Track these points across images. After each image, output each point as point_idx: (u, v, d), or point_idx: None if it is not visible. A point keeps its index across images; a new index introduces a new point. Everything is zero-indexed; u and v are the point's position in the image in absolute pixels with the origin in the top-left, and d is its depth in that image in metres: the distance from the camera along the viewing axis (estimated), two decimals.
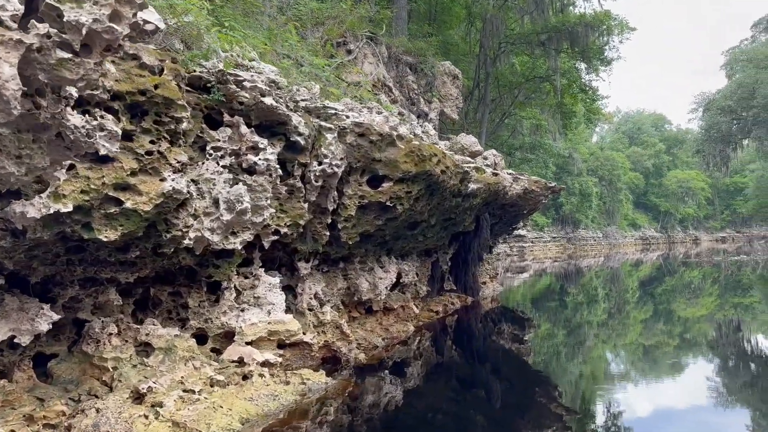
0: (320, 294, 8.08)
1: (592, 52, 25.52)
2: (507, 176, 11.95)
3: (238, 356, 6.32)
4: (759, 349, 10.26)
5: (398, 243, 10.01)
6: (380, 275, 9.65)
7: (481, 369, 8.79)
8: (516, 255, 46.09)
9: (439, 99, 14.79)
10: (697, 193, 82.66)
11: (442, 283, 14.23)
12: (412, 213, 8.71)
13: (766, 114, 38.73)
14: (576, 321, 13.70)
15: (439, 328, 11.35)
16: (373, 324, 9.60)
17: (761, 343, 10.80)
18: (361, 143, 7.44)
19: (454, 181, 9.22)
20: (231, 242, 6.14)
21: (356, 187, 7.65)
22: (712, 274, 24.94)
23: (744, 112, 41.49)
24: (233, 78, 6.10)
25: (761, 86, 38.96)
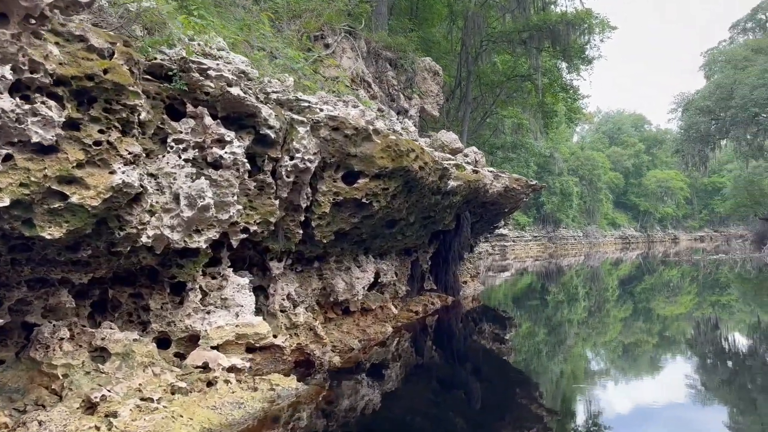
0: (293, 295, 7.70)
1: (573, 51, 25.29)
2: (488, 174, 11.65)
3: (203, 361, 5.93)
4: (735, 346, 10.18)
5: (376, 242, 9.66)
6: (357, 275, 9.30)
7: (461, 369, 8.53)
8: (497, 254, 45.97)
9: (419, 95, 14.45)
10: (676, 193, 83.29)
11: (422, 282, 13.91)
12: (389, 210, 8.36)
13: (744, 114, 38.87)
14: (557, 320, 13.53)
15: (418, 329, 11.03)
16: (349, 325, 9.24)
17: (738, 340, 10.74)
18: (335, 137, 7.07)
19: (433, 178, 8.88)
20: (195, 241, 5.74)
21: (330, 184, 7.29)
22: (691, 273, 24.92)
23: (722, 112, 41.63)
24: (196, 66, 5.71)
25: (739, 87, 39.08)
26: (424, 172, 8.32)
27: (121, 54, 4.50)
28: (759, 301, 15.58)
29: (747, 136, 42.81)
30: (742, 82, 39.44)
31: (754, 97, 38.12)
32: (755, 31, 49.59)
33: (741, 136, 42.35)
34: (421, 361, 8.65)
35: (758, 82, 38.27)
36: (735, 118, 39.67)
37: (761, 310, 14.05)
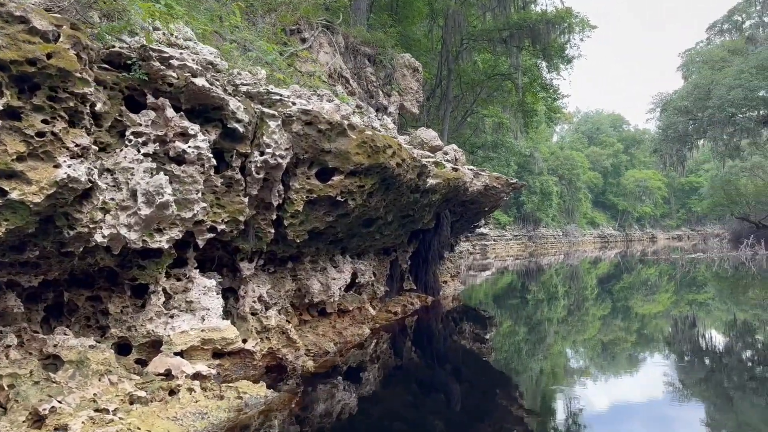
0: (265, 297, 7.34)
1: (553, 50, 25.18)
2: (468, 172, 11.36)
3: (165, 368, 5.55)
4: (712, 344, 10.11)
5: (353, 241, 9.33)
6: (333, 275, 8.95)
7: (441, 371, 8.26)
8: (479, 253, 45.94)
9: (398, 92, 14.13)
10: (654, 192, 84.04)
11: (402, 282, 13.60)
12: (366, 209, 8.03)
13: (721, 114, 39.05)
14: (537, 318, 13.33)
15: (397, 330, 10.72)
16: (325, 327, 8.90)
17: (714, 338, 10.66)
18: (308, 132, 6.73)
19: (412, 176, 8.57)
20: (156, 241, 5.37)
21: (304, 181, 6.94)
22: (669, 272, 24.90)
23: (700, 112, 41.84)
24: (157, 55, 5.33)
25: (716, 87, 39.27)
26: (402, 169, 7.99)
27: (67, 37, 4.11)
28: (735, 300, 15.53)
29: (724, 136, 43.08)
30: (719, 83, 39.67)
31: (731, 98, 38.34)
32: (731, 32, 49.95)
33: (718, 136, 42.61)
34: (400, 363, 8.35)
35: (735, 83, 38.50)
36: (712, 118, 39.88)
37: (737, 309, 13.99)
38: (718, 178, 57.84)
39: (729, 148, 45.72)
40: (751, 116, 40.54)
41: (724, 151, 46.92)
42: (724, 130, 41.98)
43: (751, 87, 38.15)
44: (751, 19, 48.58)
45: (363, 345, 9.02)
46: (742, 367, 8.36)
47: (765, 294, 16.27)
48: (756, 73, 38.39)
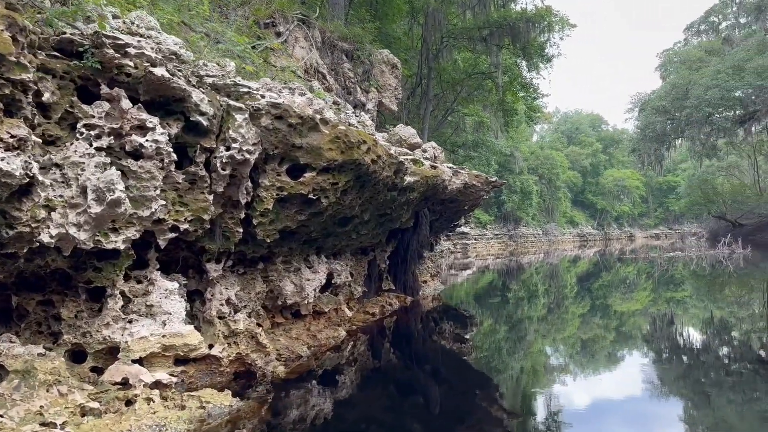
0: (234, 299, 6.96)
1: (533, 49, 25.01)
2: (447, 170, 11.07)
3: (122, 377, 5.17)
4: (690, 341, 10.10)
5: (328, 241, 8.98)
6: (308, 276, 8.60)
7: (420, 372, 8.01)
8: (459, 252, 45.81)
9: (377, 89, 13.79)
10: (632, 192, 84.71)
11: (380, 282, 13.28)
12: (340, 207, 7.69)
13: (698, 114, 39.32)
14: (518, 317, 13.17)
15: (375, 331, 10.41)
16: (299, 330, 8.54)
17: (692, 335, 10.68)
18: (278, 127, 6.37)
19: (388, 173, 8.24)
20: (112, 241, 4.98)
21: (274, 178, 6.58)
22: (648, 270, 24.88)
23: (677, 112, 42.09)
24: (111, 42, 4.94)
25: (694, 87, 39.53)
26: (378, 165, 7.66)
27: (1, 18, 3.73)
28: (712, 297, 15.51)
29: (701, 135, 43.41)
30: (696, 83, 39.94)
31: (708, 98, 38.62)
32: (708, 33, 50.46)
33: (695, 136, 42.92)
34: (378, 365, 8.07)
35: (712, 83, 38.77)
36: (690, 117, 40.15)
37: (714, 306, 13.95)
38: (695, 178, 58.41)
39: (706, 147, 46.11)
40: (727, 116, 40.87)
41: (701, 151, 47.34)
42: (702, 129, 42.30)
43: (727, 87, 38.46)
44: (728, 20, 49.08)
45: (339, 347, 8.70)
46: (719, 363, 8.33)
47: (740, 292, 16.33)
48: (732, 73, 38.71)
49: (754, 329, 10.66)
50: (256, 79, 7.64)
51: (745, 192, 52.55)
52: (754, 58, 38.50)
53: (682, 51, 49.99)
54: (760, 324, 11.13)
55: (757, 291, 16.58)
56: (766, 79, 36.95)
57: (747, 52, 39.42)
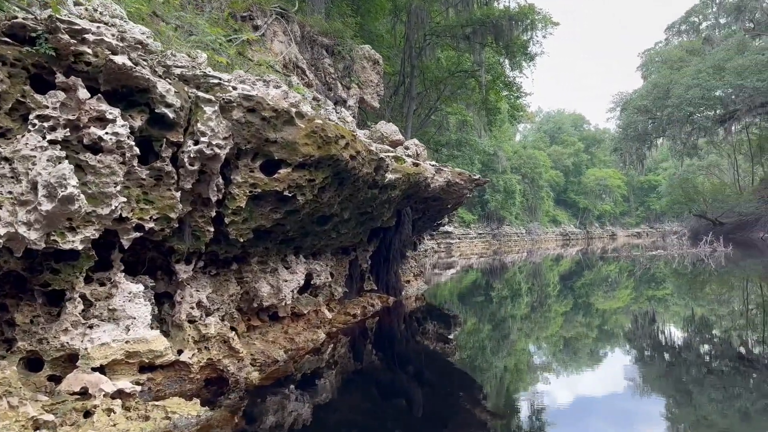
0: (205, 302, 6.61)
1: (516, 47, 24.83)
2: (429, 167, 10.78)
3: (81, 386, 4.81)
4: (672, 339, 10.11)
5: (307, 240, 8.65)
6: (285, 277, 8.26)
7: (403, 374, 7.76)
8: (443, 251, 45.65)
9: (358, 85, 13.45)
10: (614, 191, 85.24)
11: (362, 283, 12.97)
12: (318, 205, 7.36)
13: (679, 113, 39.46)
14: (501, 316, 13.00)
15: (357, 333, 10.10)
16: (276, 333, 8.20)
17: (674, 333, 10.69)
18: (251, 120, 6.03)
19: (368, 170, 7.93)
20: (68, 241, 4.62)
21: (247, 174, 6.23)
22: (630, 269, 24.82)
23: (659, 111, 42.23)
24: (67, 27, 4.58)
25: (675, 86, 39.67)
26: (357, 162, 7.34)
27: None
28: (693, 295, 15.48)
29: (682, 135, 43.59)
30: (677, 82, 40.09)
31: (689, 97, 38.77)
32: (689, 33, 50.73)
33: (677, 135, 43.09)
34: (359, 368, 7.81)
35: (692, 82, 38.94)
36: (671, 117, 40.29)
37: (695, 304, 13.89)
38: (676, 177, 58.79)
39: (687, 146, 46.36)
40: (708, 115, 41.08)
41: (682, 150, 47.58)
42: (683, 129, 42.48)
43: (708, 86, 38.64)
44: (708, 20, 49.37)
45: (319, 350, 8.39)
46: (701, 361, 8.29)
47: (721, 290, 16.28)
48: (713, 73, 38.89)
49: (734, 326, 10.59)
50: (230, 72, 7.29)
51: (726, 191, 52.99)
52: (734, 57, 38.74)
53: (663, 51, 50.21)
54: (740, 321, 11.07)
55: (738, 289, 16.56)
56: (746, 79, 37.17)
57: (727, 52, 39.65)
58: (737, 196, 50.48)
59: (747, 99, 38.26)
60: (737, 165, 56.66)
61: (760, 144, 51.82)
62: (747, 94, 37.95)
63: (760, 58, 37.41)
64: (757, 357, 8.37)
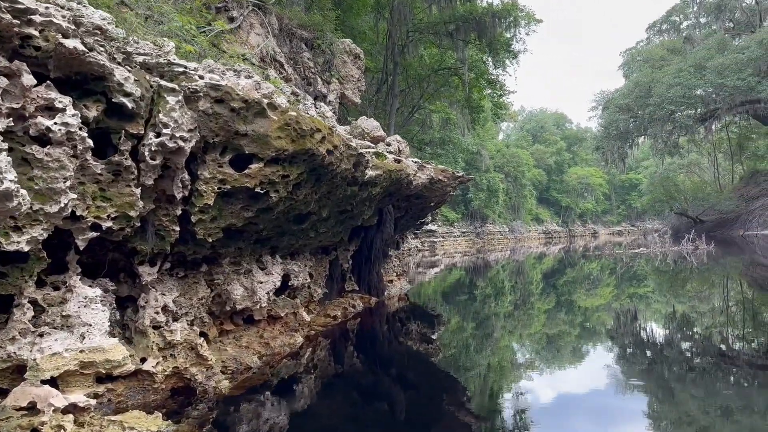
0: (172, 306, 6.16)
1: (499, 44, 24.52)
2: (411, 164, 10.40)
3: (29, 401, 4.36)
4: (654, 336, 10.07)
5: (284, 239, 8.24)
6: (260, 278, 7.84)
7: (385, 377, 7.43)
8: (427, 250, 45.48)
9: (339, 80, 13.03)
10: (596, 189, 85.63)
11: (343, 283, 12.57)
12: (293, 203, 6.95)
13: (660, 112, 39.50)
14: (484, 315, 12.71)
15: (337, 335, 9.73)
16: (250, 338, 7.77)
17: (657, 330, 10.62)
18: (219, 111, 5.61)
19: (347, 165, 7.53)
20: (13, 241, 4.17)
21: (215, 169, 5.81)
22: (613, 267, 24.68)
23: (640, 110, 42.26)
24: (9, 6, 4.12)
25: (656, 85, 39.72)
26: (334, 157, 6.94)
27: None
28: (675, 293, 15.38)
29: (663, 133, 43.67)
30: (659, 81, 40.15)
31: (671, 95, 38.84)
32: (670, 32, 50.89)
33: (658, 133, 43.14)
34: (339, 372, 7.46)
35: (674, 81, 39.01)
36: (653, 115, 40.33)
37: (676, 301, 13.74)
38: (657, 175, 59.00)
39: (668, 145, 46.46)
40: (689, 114, 41.18)
41: (663, 149, 47.71)
42: (664, 127, 42.54)
43: (689, 85, 38.72)
44: (689, 19, 49.55)
45: (296, 355, 8.00)
46: (683, 358, 8.23)
47: (705, 287, 16.16)
48: (694, 71, 38.98)
49: (717, 323, 10.46)
50: (201, 62, 6.85)
51: (706, 189, 53.29)
52: (715, 57, 38.87)
53: (644, 50, 50.32)
54: (722, 319, 10.92)
55: (720, 286, 16.44)
56: (727, 78, 37.29)
57: (708, 51, 39.78)
58: (717, 194, 50.78)
59: (727, 98, 38.40)
60: (717, 163, 57.00)
61: (739, 142, 52.18)
62: (727, 93, 38.08)
63: (739, 57, 37.57)
64: (738, 353, 8.30)
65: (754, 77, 37.06)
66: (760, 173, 48.22)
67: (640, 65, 46.34)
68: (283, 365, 7.39)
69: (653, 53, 45.70)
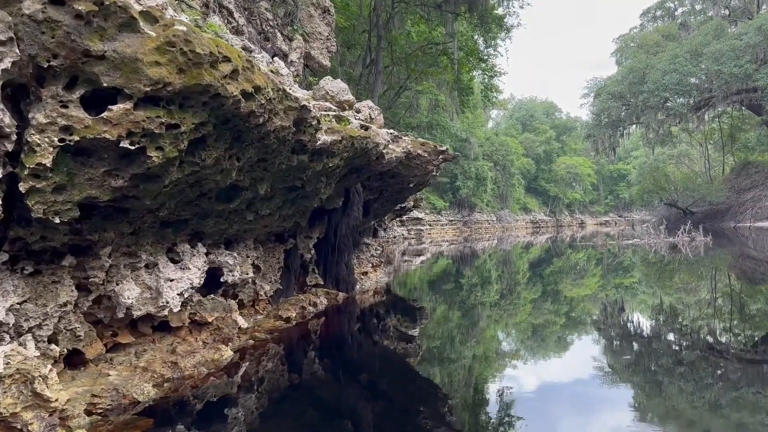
0: (8, 319, 4.03)
1: (490, 18, 22.26)
2: (382, 132, 8.24)
3: None
4: (658, 331, 8.61)
5: (208, 223, 6.10)
6: (170, 274, 5.70)
7: (352, 388, 5.62)
8: (413, 238, 43.70)
9: (303, 36, 10.79)
10: (584, 179, 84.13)
11: (305, 276, 10.45)
12: (199, 170, 4.78)
13: (655, 99, 37.50)
14: (470, 306, 11.11)
15: (289, 342, 7.63)
16: (155, 354, 5.63)
17: (657, 323, 9.26)
18: (57, 18, 3.45)
19: (284, 122, 5.37)
20: None
21: (55, 110, 3.65)
22: (610, 260, 22.68)
23: (633, 98, 40.27)
24: None
25: (651, 71, 37.68)
26: (258, 104, 4.75)
27: None
28: (672, 286, 13.37)
29: (656, 121, 41.71)
30: (653, 67, 38.18)
31: (665, 82, 36.85)
32: (665, 18, 48.83)
33: (652, 121, 41.14)
34: (299, 381, 5.74)
35: (669, 67, 37.04)
36: (646, 102, 38.36)
37: (681, 295, 11.79)
38: (647, 165, 57.34)
39: (660, 134, 44.58)
40: (683, 102, 39.31)
41: (655, 138, 45.83)
42: (657, 115, 40.61)
43: (685, 72, 36.79)
44: (684, 6, 47.51)
45: (223, 374, 5.88)
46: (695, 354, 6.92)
47: (691, 280, 14.22)
48: (690, 57, 37.01)
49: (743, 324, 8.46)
50: None
51: (697, 180, 51.53)
52: (712, 42, 36.90)
53: (639, 35, 48.15)
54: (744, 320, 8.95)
55: (732, 283, 14.46)
56: (724, 65, 35.35)
57: (705, 37, 37.79)
58: (708, 186, 49.02)
59: (723, 85, 36.45)
60: (708, 154, 55.22)
61: (731, 133, 50.39)
62: (723, 80, 36.13)
63: (737, 44, 35.61)
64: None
65: (751, 64, 35.12)
66: (752, 164, 46.47)
67: (635, 51, 44.14)
68: (194, 393, 5.27)
69: (648, 39, 43.51)
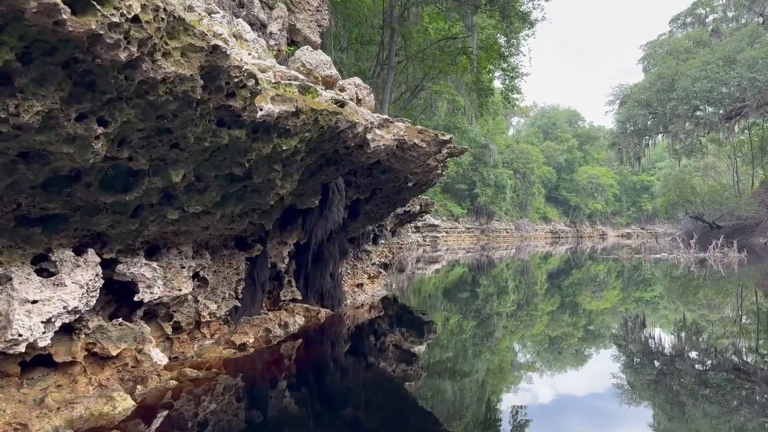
0: None
1: (512, 11, 20.17)
2: (365, 112, 6.32)
3: None
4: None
5: (101, 221, 4.24)
6: (29, 294, 3.84)
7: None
8: (429, 245, 41.94)
9: (287, 4, 8.93)
10: (606, 189, 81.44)
11: (280, 290, 8.56)
12: (10, 131, 2.92)
13: (684, 107, 35.02)
14: (484, 318, 9.51)
15: (247, 374, 5.79)
16: (1, 408, 3.78)
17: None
18: None
19: (182, 70, 3.45)
20: None
21: None
22: (644, 277, 20.40)
23: (661, 106, 37.79)
24: None
25: (681, 78, 35.22)
26: (107, 25, 2.87)
27: None
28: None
29: (684, 130, 39.16)
30: (683, 74, 35.69)
31: (696, 89, 34.37)
32: (695, 25, 46.23)
33: (680, 129, 38.60)
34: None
35: (700, 74, 34.55)
36: (675, 110, 35.85)
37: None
38: (672, 177, 54.65)
39: (687, 144, 41.97)
40: (715, 111, 36.76)
41: (682, 148, 43.19)
42: (686, 124, 38.10)
43: (717, 79, 34.27)
44: (715, 12, 44.87)
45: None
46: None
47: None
48: (723, 64, 34.46)
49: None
50: None
51: (724, 193, 48.68)
52: (746, 49, 34.33)
53: (668, 41, 45.55)
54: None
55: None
56: (759, 72, 32.78)
57: (738, 43, 35.24)
58: (736, 199, 46.16)
59: (757, 94, 33.86)
60: (737, 167, 52.28)
61: (761, 145, 47.50)
62: (758, 89, 33.55)
63: None
64: None
65: None
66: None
67: (663, 57, 41.55)
68: None
69: (678, 45, 40.95)
